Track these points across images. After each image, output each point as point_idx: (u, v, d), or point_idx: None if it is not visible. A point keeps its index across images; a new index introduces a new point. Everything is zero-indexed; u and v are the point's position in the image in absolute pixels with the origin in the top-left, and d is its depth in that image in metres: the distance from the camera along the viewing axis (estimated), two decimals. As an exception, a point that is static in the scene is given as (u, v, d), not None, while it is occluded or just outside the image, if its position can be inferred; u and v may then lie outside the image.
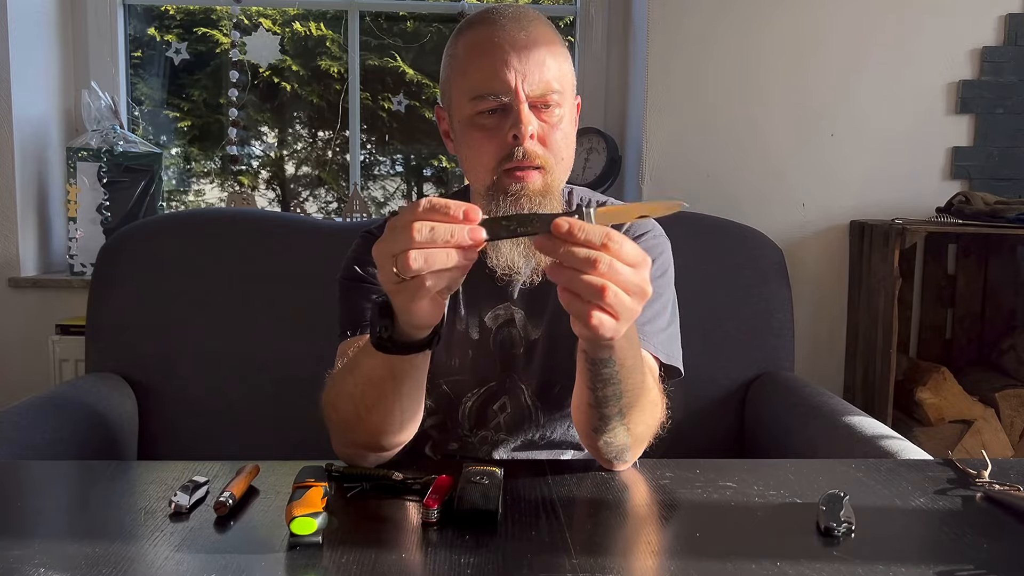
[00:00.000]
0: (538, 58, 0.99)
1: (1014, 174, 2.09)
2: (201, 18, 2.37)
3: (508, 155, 0.99)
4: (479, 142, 1.01)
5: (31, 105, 2.02)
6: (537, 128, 0.99)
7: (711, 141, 2.05)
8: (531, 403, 1.12)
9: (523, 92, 0.98)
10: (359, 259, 1.12)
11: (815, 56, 2.04)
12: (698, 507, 0.82)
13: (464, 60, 1.02)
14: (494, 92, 0.99)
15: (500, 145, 0.99)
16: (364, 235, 1.15)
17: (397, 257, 0.71)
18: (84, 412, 1.43)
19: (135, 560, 0.69)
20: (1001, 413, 1.92)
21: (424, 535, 0.74)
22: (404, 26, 2.40)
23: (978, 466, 0.92)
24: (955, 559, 0.71)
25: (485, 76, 0.99)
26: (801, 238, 2.08)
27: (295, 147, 2.54)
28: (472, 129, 1.02)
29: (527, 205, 0.99)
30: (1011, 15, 2.05)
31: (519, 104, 0.98)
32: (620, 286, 0.71)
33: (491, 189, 1.01)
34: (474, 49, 1.01)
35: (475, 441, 1.13)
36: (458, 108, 1.03)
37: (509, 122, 0.98)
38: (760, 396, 1.64)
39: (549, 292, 1.11)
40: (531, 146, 0.99)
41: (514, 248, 1.02)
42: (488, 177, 1.01)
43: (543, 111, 1.00)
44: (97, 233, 2.03)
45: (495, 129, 1.00)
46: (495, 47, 0.99)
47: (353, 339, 1.05)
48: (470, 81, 1.00)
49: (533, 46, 0.99)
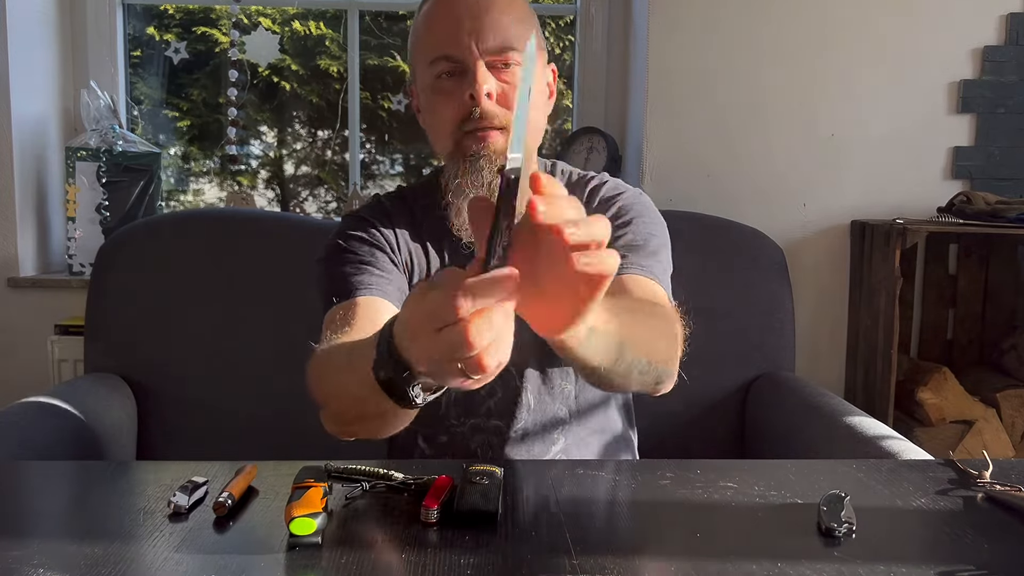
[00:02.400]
0: (494, 18, 0.99)
1: (1015, 174, 2.09)
2: (200, 17, 2.37)
3: (467, 117, 0.99)
4: (438, 105, 1.01)
5: (30, 105, 2.02)
6: (495, 87, 0.99)
7: (711, 141, 2.05)
8: (520, 383, 1.10)
9: (476, 50, 0.98)
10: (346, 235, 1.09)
11: (816, 56, 2.04)
12: (698, 507, 0.82)
13: (421, 28, 1.03)
14: (447, 54, 0.99)
15: (458, 106, 0.99)
16: (349, 216, 1.13)
17: (465, 362, 0.58)
18: (84, 412, 1.43)
19: (134, 560, 0.68)
20: (1002, 413, 1.92)
21: (424, 535, 0.74)
22: (404, 26, 2.40)
23: (979, 466, 0.91)
24: (956, 560, 0.70)
25: (440, 39, 1.00)
26: (802, 238, 2.08)
27: (294, 147, 2.54)
28: (432, 94, 1.02)
29: (486, 166, 0.98)
30: (1012, 15, 2.04)
31: (474, 63, 0.98)
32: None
33: (453, 154, 1.01)
34: (430, 15, 1.02)
35: (465, 430, 1.10)
36: (420, 77, 1.04)
37: (466, 82, 0.99)
38: (760, 396, 1.64)
39: None
40: (488, 106, 0.99)
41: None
42: (449, 141, 1.01)
43: (503, 71, 1.00)
44: (96, 233, 2.02)
45: (453, 91, 1.00)
46: (449, 11, 1.00)
47: (340, 305, 1.01)
48: (427, 46, 1.01)
49: (489, 7, 0.99)
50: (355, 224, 1.11)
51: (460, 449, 1.11)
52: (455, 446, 1.11)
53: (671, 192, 2.04)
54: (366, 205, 1.16)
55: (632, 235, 1.08)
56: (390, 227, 1.10)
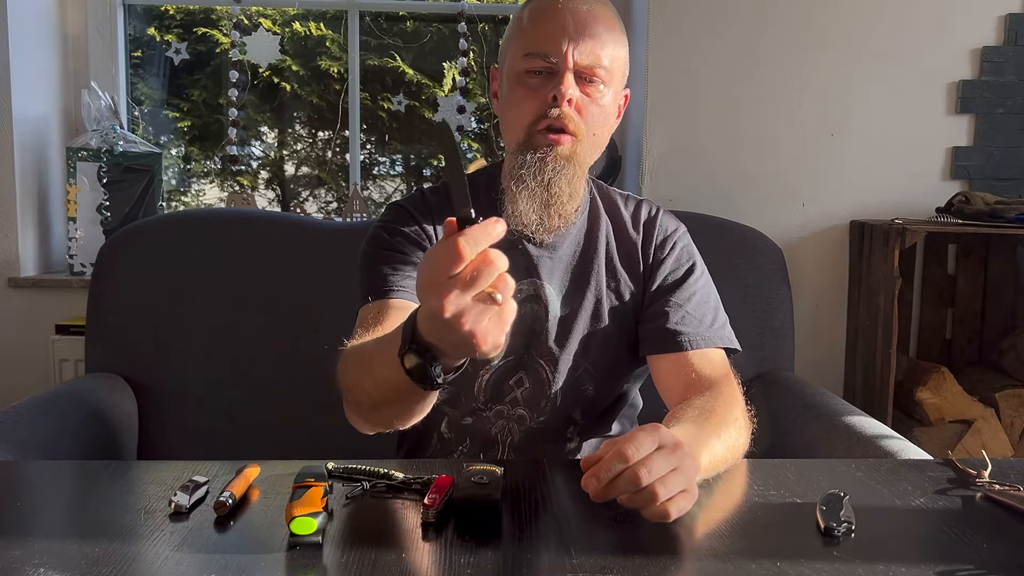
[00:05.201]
0: (594, 32, 1.05)
1: (1014, 174, 2.09)
2: (201, 18, 2.37)
3: (544, 114, 1.05)
4: (521, 98, 1.07)
5: (31, 105, 2.02)
6: (577, 96, 1.05)
7: (711, 141, 2.05)
8: (551, 379, 1.13)
9: (571, 58, 1.04)
10: (391, 223, 1.14)
11: (815, 56, 2.04)
12: (698, 507, 0.82)
13: (526, 20, 1.08)
14: (545, 53, 1.05)
15: (540, 103, 1.05)
16: (393, 206, 1.18)
17: (495, 284, 0.68)
18: (84, 412, 1.43)
19: (135, 560, 0.68)
20: (1001, 413, 1.92)
21: (424, 535, 0.74)
22: (404, 26, 2.40)
23: (978, 466, 0.92)
24: (955, 559, 0.71)
25: (540, 37, 1.05)
26: (801, 238, 2.08)
27: (295, 147, 2.54)
28: (518, 85, 1.07)
29: (551, 166, 1.05)
30: (1011, 15, 2.05)
31: (565, 68, 1.04)
32: (662, 475, 0.73)
33: (523, 145, 1.07)
34: (536, 12, 1.08)
35: (490, 415, 1.14)
36: (511, 64, 1.09)
37: (552, 84, 1.04)
38: (760, 396, 1.64)
39: (584, 271, 1.14)
40: (567, 110, 1.05)
41: (530, 203, 1.07)
42: (522, 132, 1.07)
43: (587, 84, 1.06)
44: (97, 233, 2.03)
45: (539, 89, 1.06)
46: (557, 13, 1.05)
47: (374, 304, 1.06)
48: (526, 39, 1.07)
49: (593, 21, 1.05)
50: (397, 216, 1.15)
51: (481, 432, 1.14)
52: (477, 429, 1.15)
53: (671, 192, 2.04)
54: (410, 197, 1.20)
55: (699, 295, 1.15)
56: (431, 222, 1.14)
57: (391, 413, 0.90)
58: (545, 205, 1.07)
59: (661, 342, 1.11)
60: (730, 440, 0.94)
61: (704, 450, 0.87)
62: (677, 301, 1.12)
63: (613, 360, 1.16)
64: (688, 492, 0.76)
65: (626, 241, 1.17)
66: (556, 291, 1.13)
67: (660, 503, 0.73)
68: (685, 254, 1.18)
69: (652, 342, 1.12)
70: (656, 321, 1.12)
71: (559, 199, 1.07)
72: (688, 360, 1.08)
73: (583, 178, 1.11)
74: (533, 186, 1.06)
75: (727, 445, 0.93)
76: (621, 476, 0.73)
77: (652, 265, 1.16)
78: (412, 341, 0.77)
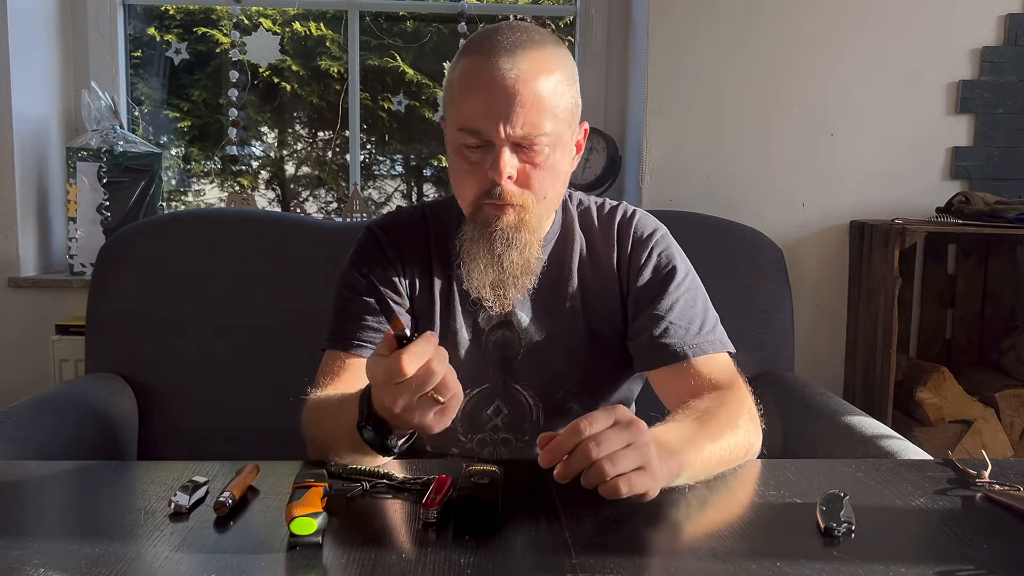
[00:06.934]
0: (525, 99, 0.98)
1: (1014, 174, 2.09)
2: (201, 18, 2.37)
3: (488, 191, 1.02)
4: (462, 174, 1.05)
5: (31, 105, 2.02)
6: (516, 171, 1.01)
7: (711, 141, 2.05)
8: (532, 403, 1.13)
9: (504, 134, 0.99)
10: (363, 261, 1.13)
11: (815, 56, 2.04)
12: (698, 507, 0.82)
13: (456, 90, 1.03)
14: (477, 131, 1.00)
15: (481, 180, 1.02)
16: (367, 233, 1.16)
17: (437, 388, 0.80)
18: (84, 412, 1.43)
19: (135, 560, 0.68)
20: (1001, 413, 1.92)
21: (424, 535, 0.74)
22: (404, 26, 2.40)
23: (978, 466, 0.92)
24: (955, 559, 0.71)
25: (471, 113, 1.00)
26: (801, 238, 2.08)
27: (295, 147, 2.54)
28: (458, 159, 1.05)
29: (499, 238, 1.03)
30: (1011, 15, 2.04)
31: (501, 145, 0.99)
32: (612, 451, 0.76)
33: (471, 216, 1.06)
34: (465, 81, 1.02)
35: (473, 444, 1.14)
36: (449, 132, 1.06)
37: (490, 160, 1.01)
38: (760, 396, 1.63)
39: (557, 294, 1.12)
40: (508, 186, 1.02)
41: (482, 279, 1.06)
42: (469, 207, 1.06)
43: (526, 152, 1.01)
44: (97, 233, 2.03)
45: (478, 164, 1.02)
46: (484, 85, 0.99)
47: (344, 356, 1.08)
48: (458, 113, 1.02)
49: (523, 86, 0.98)
50: (368, 254, 1.14)
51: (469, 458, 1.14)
52: (465, 456, 1.15)
53: (671, 192, 2.04)
54: (385, 222, 1.18)
55: (683, 302, 1.11)
56: (400, 256, 1.14)
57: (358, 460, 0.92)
58: (498, 283, 1.05)
59: (649, 357, 1.09)
60: (731, 442, 0.94)
61: (690, 447, 0.87)
62: (658, 312, 1.09)
63: (597, 376, 1.15)
64: (646, 471, 0.77)
65: (600, 254, 1.14)
66: (527, 317, 1.12)
67: (611, 478, 0.75)
68: (664, 258, 1.13)
69: (641, 358, 1.11)
70: (641, 336, 1.09)
71: (511, 274, 1.05)
72: (682, 370, 1.06)
73: (539, 241, 1.07)
74: (484, 264, 1.04)
75: (726, 446, 0.93)
76: (575, 452, 0.76)
77: (629, 273, 1.13)
78: (368, 418, 0.86)
